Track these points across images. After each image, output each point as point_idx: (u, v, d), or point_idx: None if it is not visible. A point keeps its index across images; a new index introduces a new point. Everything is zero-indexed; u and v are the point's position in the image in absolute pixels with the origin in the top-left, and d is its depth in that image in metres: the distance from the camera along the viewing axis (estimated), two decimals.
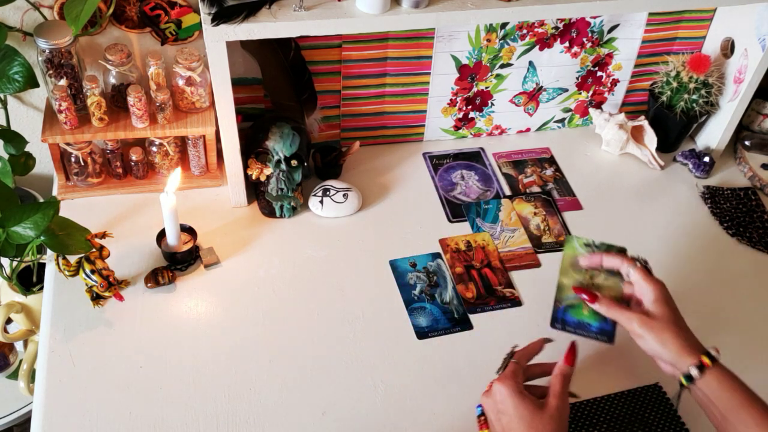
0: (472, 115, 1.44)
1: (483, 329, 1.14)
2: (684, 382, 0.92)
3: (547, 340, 0.95)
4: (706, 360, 0.90)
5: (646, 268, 1.01)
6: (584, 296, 0.99)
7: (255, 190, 1.28)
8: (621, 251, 1.03)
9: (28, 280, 1.31)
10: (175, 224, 1.15)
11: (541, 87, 1.43)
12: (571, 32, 1.35)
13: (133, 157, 1.27)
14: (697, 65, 1.36)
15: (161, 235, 1.19)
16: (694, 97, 1.38)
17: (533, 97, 1.44)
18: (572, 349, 0.92)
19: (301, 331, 1.11)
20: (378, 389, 1.05)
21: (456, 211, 1.32)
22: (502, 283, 1.20)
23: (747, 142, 1.47)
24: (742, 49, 1.36)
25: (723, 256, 1.29)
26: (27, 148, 1.30)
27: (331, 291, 1.17)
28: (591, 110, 1.47)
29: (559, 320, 1.02)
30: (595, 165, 1.45)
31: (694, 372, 0.90)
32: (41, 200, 1.41)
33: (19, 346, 1.52)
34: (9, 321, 1.28)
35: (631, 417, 1.03)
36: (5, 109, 1.28)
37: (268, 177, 1.24)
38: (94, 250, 1.09)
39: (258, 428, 0.99)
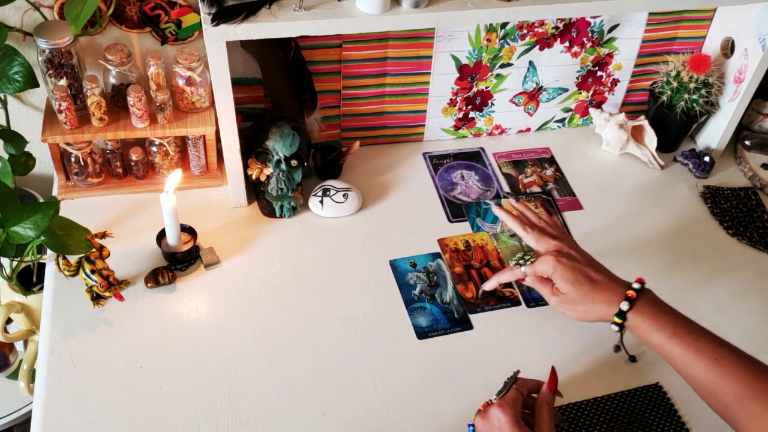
0: (472, 115, 1.44)
1: (483, 329, 1.14)
2: (617, 320, 0.96)
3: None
4: (630, 292, 0.96)
5: (543, 230, 1.09)
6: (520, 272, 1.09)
7: (255, 190, 1.28)
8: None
9: (28, 280, 1.31)
10: (175, 224, 1.15)
11: (541, 87, 1.43)
12: (571, 32, 1.35)
13: (133, 157, 1.27)
14: (697, 65, 1.36)
15: (161, 235, 1.19)
16: (694, 97, 1.38)
17: (533, 97, 1.44)
18: (553, 375, 0.92)
19: (301, 331, 1.11)
20: (378, 389, 1.05)
21: (456, 211, 1.32)
22: (501, 283, 1.20)
23: (747, 142, 1.47)
24: (742, 49, 1.36)
25: (723, 256, 1.29)
26: (27, 148, 1.30)
27: (331, 291, 1.17)
28: (591, 110, 1.47)
29: (530, 300, 1.17)
30: (595, 165, 1.45)
31: (625, 306, 0.94)
32: (41, 200, 1.41)
33: (19, 346, 1.52)
34: (9, 321, 1.28)
35: (631, 417, 1.03)
36: (5, 109, 1.28)
37: (268, 177, 1.24)
38: (94, 250, 1.09)
39: (258, 428, 0.99)
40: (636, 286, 0.97)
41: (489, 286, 1.16)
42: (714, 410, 0.91)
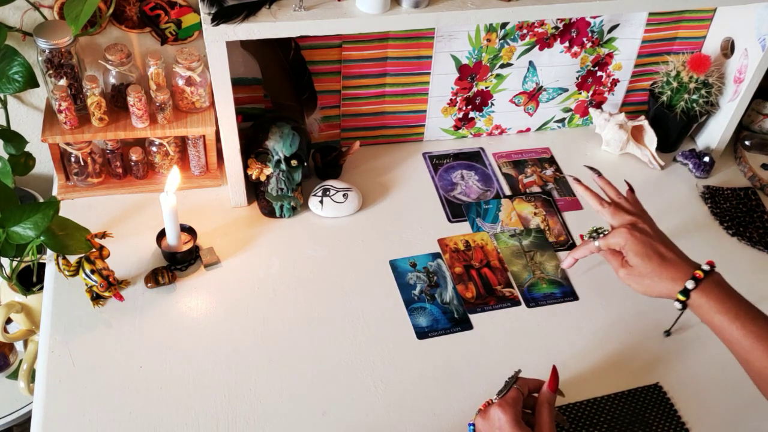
0: (472, 115, 1.44)
1: (483, 329, 1.14)
2: (681, 297, 0.96)
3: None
4: (698, 273, 0.97)
5: (618, 204, 1.10)
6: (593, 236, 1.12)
7: (255, 190, 1.28)
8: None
9: (28, 280, 1.31)
10: (175, 224, 1.15)
11: (541, 87, 1.43)
12: (571, 32, 1.35)
13: (133, 157, 1.27)
14: (697, 65, 1.36)
15: (161, 235, 1.19)
16: (694, 97, 1.38)
17: (533, 97, 1.44)
18: (554, 375, 0.92)
19: (301, 331, 1.11)
20: (378, 389, 1.05)
21: (456, 211, 1.32)
22: (501, 283, 1.20)
23: (747, 142, 1.47)
24: (742, 49, 1.36)
25: (723, 256, 1.29)
26: (27, 148, 1.30)
27: (331, 291, 1.17)
28: (591, 110, 1.47)
29: (529, 300, 1.17)
30: (595, 165, 1.44)
31: (690, 285, 0.95)
32: (41, 200, 1.41)
33: (19, 346, 1.52)
34: (9, 321, 1.28)
35: (631, 417, 1.03)
36: (5, 109, 1.28)
37: (268, 177, 1.24)
38: (94, 250, 1.09)
39: (258, 428, 0.99)
40: (705, 267, 0.98)
41: (567, 264, 1.18)
42: None
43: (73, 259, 1.10)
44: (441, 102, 1.40)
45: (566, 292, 1.20)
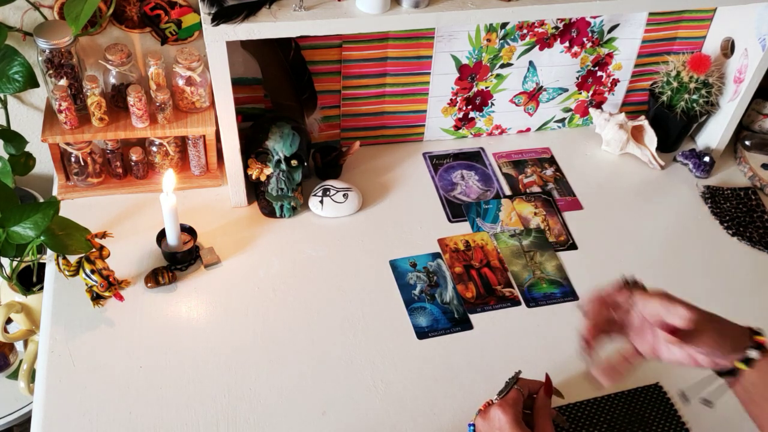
0: (472, 115, 1.44)
1: (483, 329, 1.14)
2: (742, 366, 0.80)
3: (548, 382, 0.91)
4: (761, 338, 0.80)
5: (641, 286, 0.87)
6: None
7: (255, 190, 1.28)
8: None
9: (28, 280, 1.31)
10: (175, 224, 1.15)
11: (541, 87, 1.43)
12: (571, 32, 1.35)
13: (133, 157, 1.27)
14: (697, 65, 1.36)
15: (161, 235, 1.19)
16: (695, 97, 1.38)
17: (533, 97, 1.44)
18: (547, 383, 0.90)
19: (301, 331, 1.11)
20: (378, 389, 1.05)
21: (456, 211, 1.32)
22: (501, 283, 1.20)
23: (747, 142, 1.47)
24: (742, 49, 1.35)
25: (723, 256, 1.29)
26: (27, 148, 1.30)
27: (331, 291, 1.17)
28: (591, 110, 1.47)
29: (529, 300, 1.17)
30: (595, 165, 1.45)
31: (754, 354, 0.79)
32: (41, 200, 1.41)
33: (19, 346, 1.52)
34: (9, 321, 1.28)
35: (631, 417, 1.03)
36: (5, 109, 1.28)
37: (268, 177, 1.24)
38: (94, 250, 1.09)
39: (258, 428, 0.99)
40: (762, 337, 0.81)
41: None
42: None
43: (73, 259, 1.10)
44: (441, 102, 1.40)
45: (566, 292, 1.20)
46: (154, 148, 1.28)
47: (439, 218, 1.31)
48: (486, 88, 1.40)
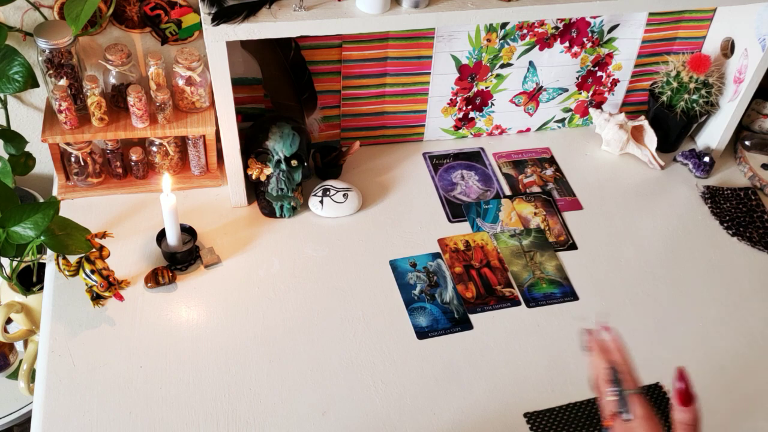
0: (472, 115, 1.44)
1: (483, 329, 1.14)
2: None
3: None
4: None
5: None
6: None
7: (255, 190, 1.28)
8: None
9: (28, 280, 1.31)
10: (175, 224, 1.15)
11: (541, 87, 1.43)
12: (571, 32, 1.35)
13: (133, 157, 1.27)
14: (697, 65, 1.36)
15: (161, 235, 1.19)
16: (694, 97, 1.38)
17: (533, 97, 1.44)
18: (683, 385, 0.72)
19: (301, 331, 1.11)
20: (378, 389, 1.04)
21: (456, 211, 1.32)
22: (501, 283, 1.20)
23: (747, 142, 1.47)
24: (742, 49, 1.35)
25: (723, 256, 1.29)
26: (27, 148, 1.30)
27: (331, 291, 1.17)
28: (591, 110, 1.47)
29: (529, 300, 1.17)
30: (595, 165, 1.45)
31: None
32: (41, 200, 1.41)
33: (19, 346, 1.52)
34: (9, 321, 1.28)
35: None
36: (5, 109, 1.28)
37: (268, 177, 1.24)
38: (94, 250, 1.09)
39: (258, 428, 0.99)
40: None
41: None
42: None
43: (73, 259, 1.10)
44: (441, 102, 1.40)
45: (566, 292, 1.20)
46: (154, 148, 1.28)
47: (439, 218, 1.31)
48: (486, 88, 1.40)
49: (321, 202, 1.28)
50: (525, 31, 1.32)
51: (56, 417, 0.98)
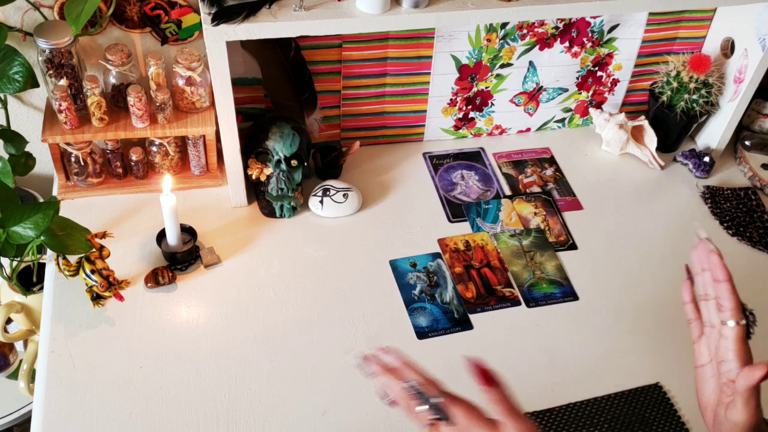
0: (472, 115, 1.44)
1: (483, 329, 1.14)
2: None
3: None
4: None
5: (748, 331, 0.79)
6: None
7: (255, 190, 1.28)
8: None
9: (28, 280, 1.31)
10: (175, 224, 1.15)
11: (541, 87, 1.43)
12: (571, 32, 1.35)
13: (133, 157, 1.27)
14: (697, 65, 1.36)
15: (161, 235, 1.19)
16: (694, 97, 1.38)
17: (533, 97, 1.44)
18: (478, 367, 0.76)
19: (301, 331, 1.11)
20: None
21: (456, 211, 1.32)
22: (501, 283, 1.20)
23: (747, 142, 1.47)
24: (742, 49, 1.35)
25: (723, 256, 1.29)
26: (27, 148, 1.30)
27: (332, 291, 1.17)
28: (591, 110, 1.47)
29: (529, 300, 1.17)
30: (595, 165, 1.45)
31: None
32: (41, 200, 1.41)
33: (19, 346, 1.52)
34: (9, 321, 1.28)
35: (631, 417, 1.03)
36: (5, 109, 1.28)
37: (268, 177, 1.24)
38: (94, 250, 1.09)
39: (258, 428, 0.99)
40: None
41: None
42: None
43: (73, 259, 1.10)
44: (441, 102, 1.40)
45: (566, 292, 1.20)
46: (154, 148, 1.28)
47: (439, 218, 1.31)
48: (486, 88, 1.40)
49: (321, 202, 1.28)
50: (525, 31, 1.33)
51: (56, 417, 0.98)
